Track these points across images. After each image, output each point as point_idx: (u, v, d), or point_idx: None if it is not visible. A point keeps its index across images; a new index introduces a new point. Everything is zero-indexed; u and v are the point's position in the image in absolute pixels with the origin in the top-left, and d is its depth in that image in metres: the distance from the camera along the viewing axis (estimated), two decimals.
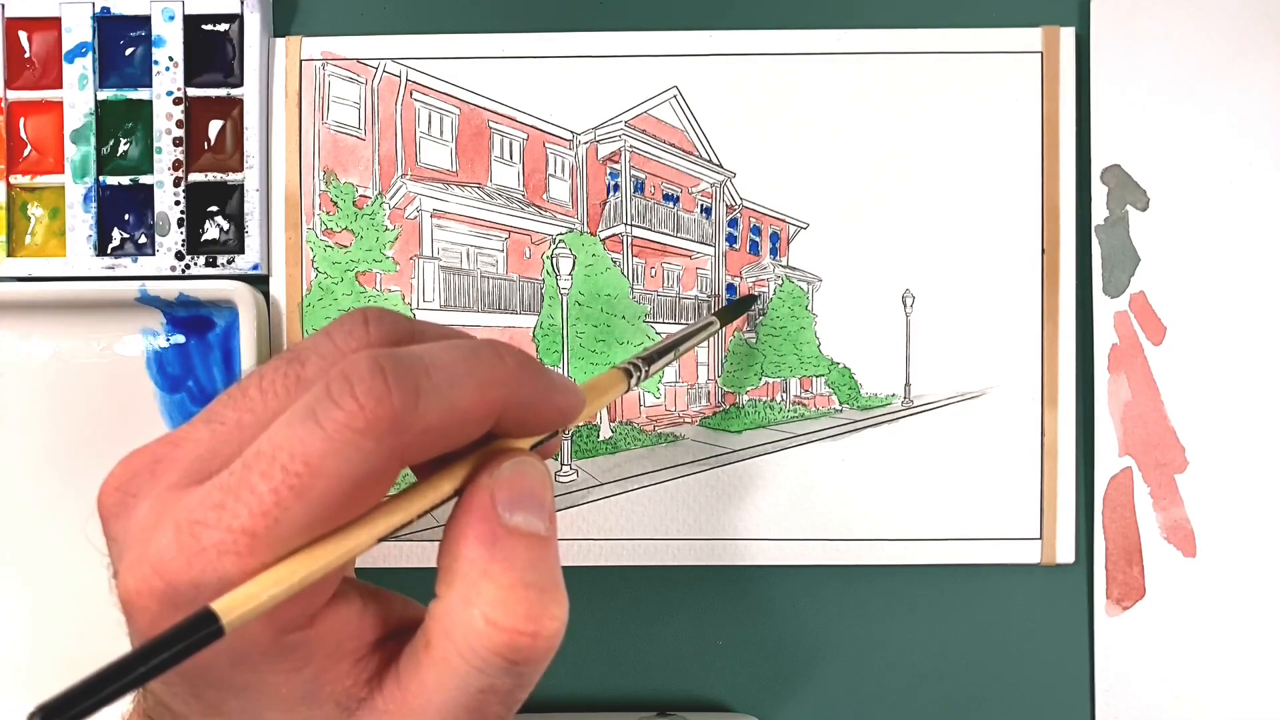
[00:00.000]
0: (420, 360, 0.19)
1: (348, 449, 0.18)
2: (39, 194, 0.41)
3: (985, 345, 0.40)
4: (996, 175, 0.40)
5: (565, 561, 0.39)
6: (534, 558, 0.21)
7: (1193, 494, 0.40)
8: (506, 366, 0.20)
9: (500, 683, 0.20)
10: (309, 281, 0.40)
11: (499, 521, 0.20)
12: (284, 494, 0.18)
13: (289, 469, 0.18)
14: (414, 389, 0.19)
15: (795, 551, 0.40)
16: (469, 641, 0.20)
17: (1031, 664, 0.41)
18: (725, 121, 0.41)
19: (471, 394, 0.20)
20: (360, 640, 0.21)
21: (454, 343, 0.21)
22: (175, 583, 0.18)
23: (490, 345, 0.21)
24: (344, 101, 0.40)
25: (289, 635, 0.20)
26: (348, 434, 0.18)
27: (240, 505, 0.18)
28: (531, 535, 0.21)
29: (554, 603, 0.20)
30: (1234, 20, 0.40)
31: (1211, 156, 0.40)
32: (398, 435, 0.18)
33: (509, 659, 0.20)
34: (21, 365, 0.40)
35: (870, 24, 0.40)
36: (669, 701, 0.41)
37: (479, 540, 0.20)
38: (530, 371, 0.21)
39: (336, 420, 0.18)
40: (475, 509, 0.21)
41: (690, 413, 0.41)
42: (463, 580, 0.20)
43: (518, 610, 0.20)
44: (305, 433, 0.18)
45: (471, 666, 0.20)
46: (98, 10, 0.40)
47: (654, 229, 0.41)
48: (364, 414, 0.18)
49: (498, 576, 0.20)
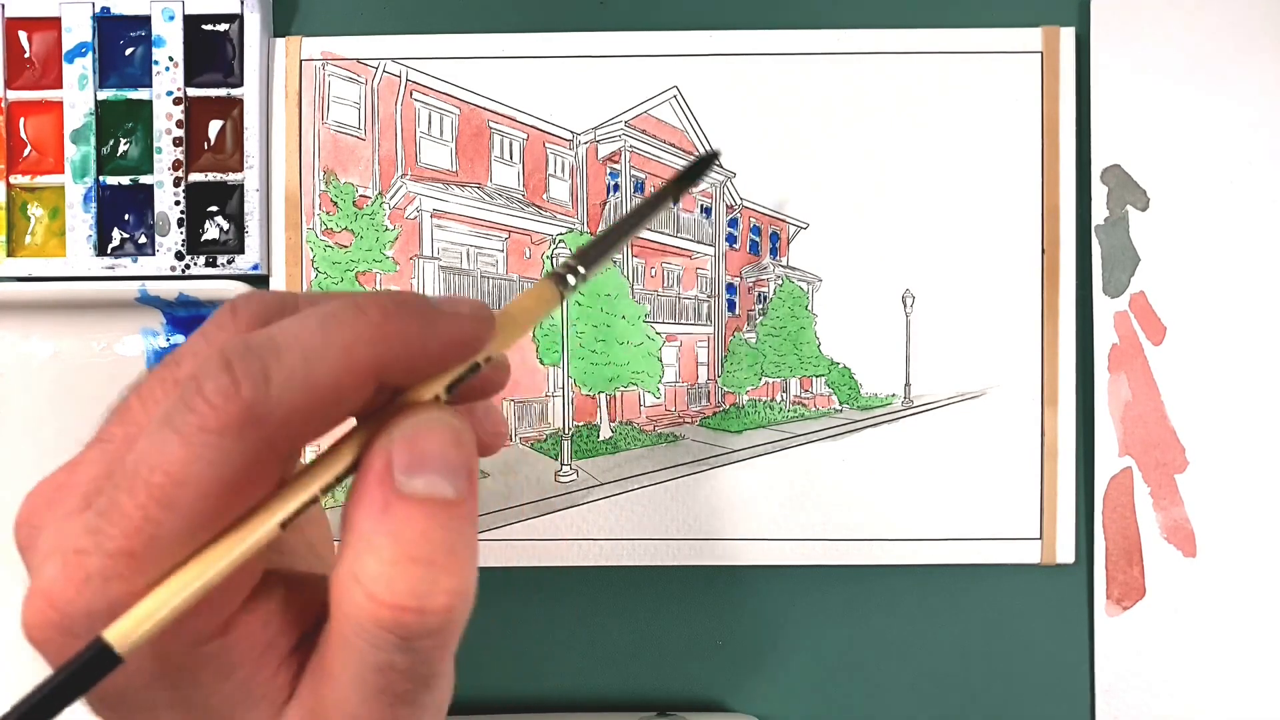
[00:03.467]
0: (269, 342, 0.18)
1: (207, 452, 0.17)
2: (39, 194, 0.41)
3: (985, 345, 0.40)
4: (996, 175, 0.40)
5: (566, 561, 0.40)
6: (429, 527, 0.19)
7: (1193, 494, 0.40)
8: (369, 320, 0.19)
9: (397, 659, 0.19)
10: (309, 281, 0.40)
11: (393, 488, 0.19)
12: (151, 509, 0.17)
13: (151, 482, 0.17)
14: (262, 376, 0.17)
15: (795, 551, 0.40)
16: (356, 617, 0.18)
17: (1031, 664, 0.41)
18: (725, 121, 0.40)
19: (333, 362, 0.18)
20: (290, 634, 0.20)
21: (309, 312, 0.19)
22: (69, 613, 0.17)
23: (349, 302, 0.19)
24: (344, 101, 0.40)
25: (205, 646, 0.19)
26: (203, 436, 0.17)
27: (113, 527, 0.17)
28: (431, 501, 0.19)
29: (447, 575, 0.19)
30: (1234, 20, 0.40)
31: (1211, 156, 0.40)
32: (256, 428, 0.17)
33: (398, 634, 0.18)
34: (22, 365, 0.40)
35: (870, 24, 0.40)
36: (669, 701, 0.41)
37: (369, 508, 0.19)
38: (402, 314, 0.19)
39: (190, 424, 0.17)
40: (370, 473, 0.19)
41: (690, 413, 0.41)
42: (350, 552, 0.19)
43: (400, 586, 0.18)
44: (163, 442, 0.17)
45: (363, 642, 0.19)
46: (98, 10, 0.40)
47: (654, 229, 0.41)
48: (215, 413, 0.17)
49: (382, 549, 0.18)
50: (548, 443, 0.41)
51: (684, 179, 0.26)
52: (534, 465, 0.40)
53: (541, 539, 0.40)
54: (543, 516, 0.40)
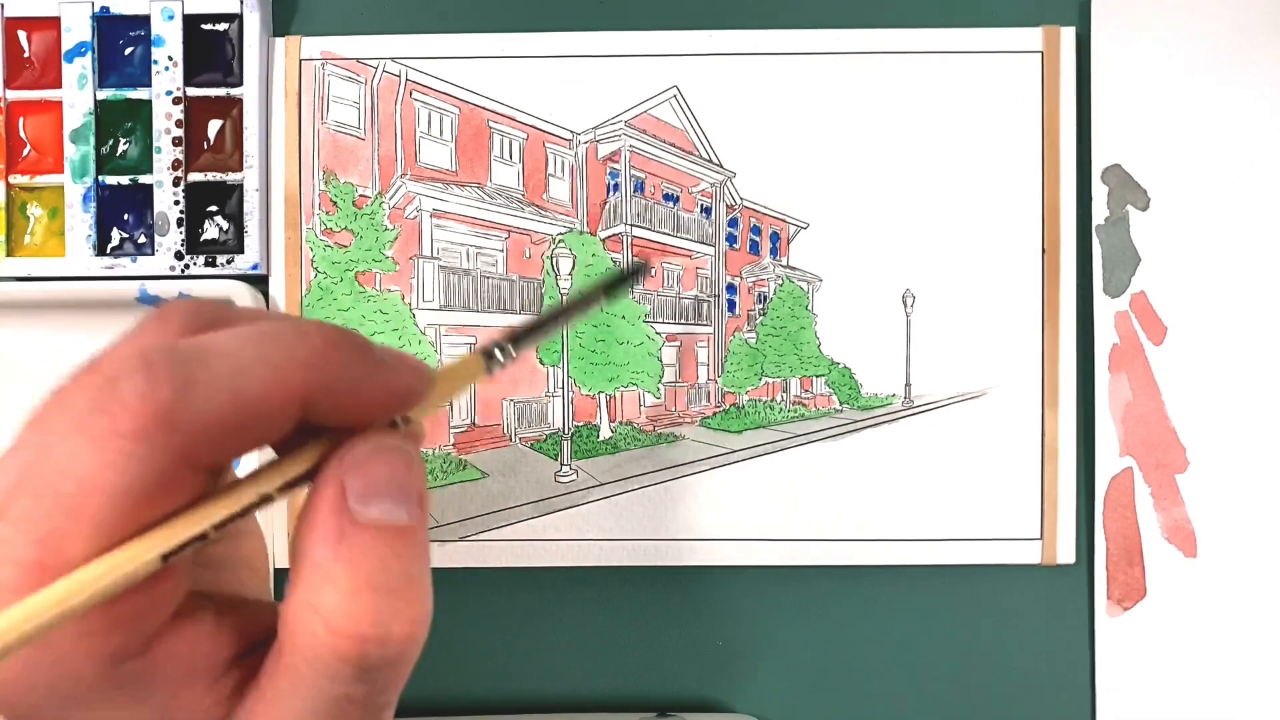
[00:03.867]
0: (198, 349, 0.17)
1: (119, 458, 0.16)
2: (38, 194, 0.41)
3: (985, 345, 0.40)
4: (996, 175, 0.40)
5: (566, 561, 0.40)
6: (386, 555, 0.18)
7: (1193, 494, 0.40)
8: (310, 346, 0.18)
9: (354, 690, 0.18)
10: (308, 281, 0.40)
11: (348, 516, 0.18)
12: (58, 519, 0.16)
13: (60, 490, 0.16)
14: (185, 381, 0.17)
15: (795, 552, 0.40)
16: (314, 648, 0.18)
17: (1031, 664, 0.41)
18: (725, 121, 0.40)
19: (263, 380, 0.17)
20: (216, 658, 0.19)
21: (249, 327, 0.19)
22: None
23: (293, 324, 0.19)
24: (344, 101, 0.40)
25: (124, 666, 0.18)
26: (115, 441, 0.16)
27: (21, 536, 0.16)
28: (387, 528, 0.18)
29: (407, 603, 0.18)
30: (1234, 20, 0.40)
31: (1211, 156, 0.40)
32: (171, 434, 0.17)
33: (357, 666, 0.18)
34: (21, 365, 0.40)
35: (870, 24, 0.40)
36: (669, 701, 0.41)
37: (324, 537, 0.18)
38: (345, 350, 0.18)
39: (102, 427, 0.16)
40: (323, 501, 0.18)
41: (690, 413, 0.41)
42: (305, 582, 0.18)
43: (361, 616, 0.18)
44: (74, 447, 0.17)
45: (320, 675, 0.18)
46: (97, 10, 0.40)
47: (654, 229, 0.41)
48: (129, 415, 0.16)
49: (340, 579, 0.18)
50: (548, 443, 0.40)
51: (616, 284, 0.26)
52: (534, 465, 0.40)
53: (541, 539, 0.40)
54: (543, 517, 0.40)
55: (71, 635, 0.17)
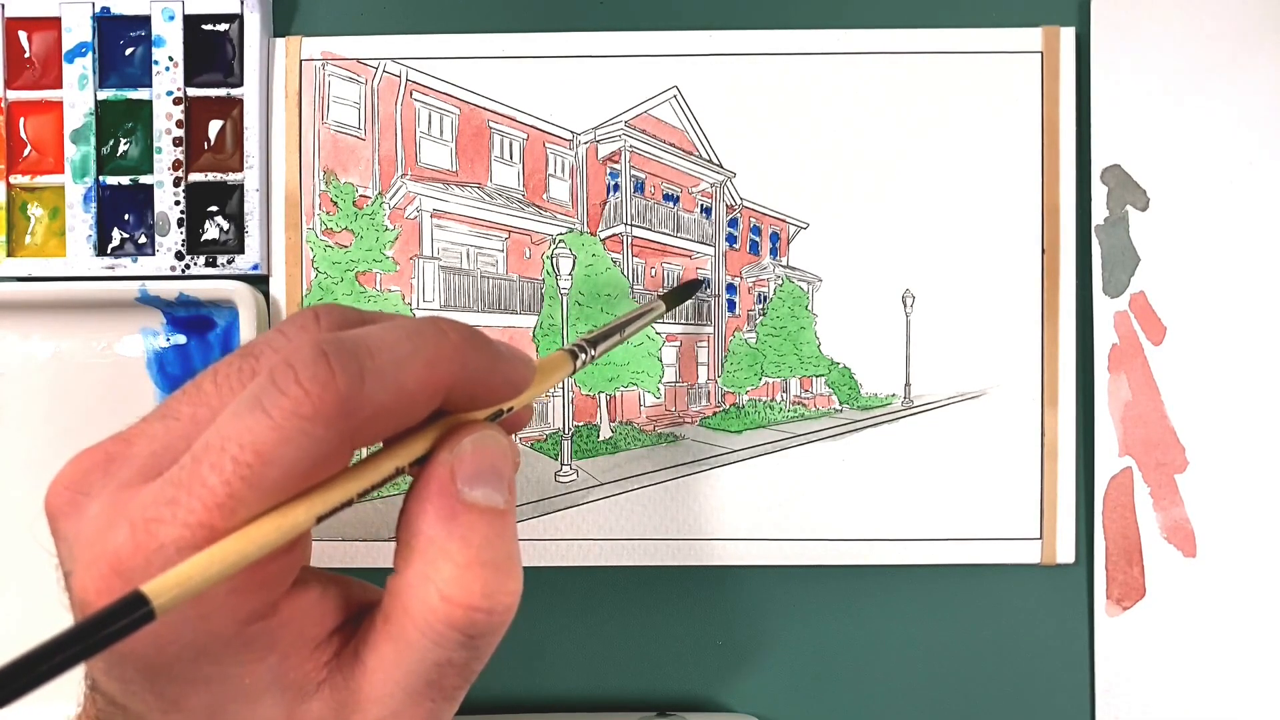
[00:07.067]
0: (364, 342, 0.19)
1: (298, 436, 0.18)
2: (39, 194, 0.41)
3: (985, 345, 0.40)
4: (996, 175, 0.40)
5: (565, 561, 0.40)
6: (491, 533, 0.21)
7: (1193, 494, 0.40)
8: (451, 342, 0.20)
9: (456, 656, 0.21)
10: (309, 281, 0.40)
11: (458, 497, 0.21)
12: (236, 485, 0.18)
13: (239, 459, 0.18)
14: (359, 371, 0.18)
15: (795, 551, 0.40)
16: (426, 617, 0.20)
17: (1031, 664, 0.41)
18: (725, 121, 0.40)
19: (418, 372, 0.20)
20: (321, 626, 0.21)
21: (396, 322, 0.21)
22: (135, 581, 0.17)
23: (432, 322, 0.21)
24: (344, 101, 0.40)
25: (252, 625, 0.20)
26: (296, 421, 0.18)
27: (194, 499, 0.18)
28: (489, 510, 0.21)
29: (509, 578, 0.21)
30: (1234, 20, 0.40)
31: (1211, 156, 0.40)
32: (346, 419, 0.18)
33: (465, 633, 0.20)
34: (21, 365, 0.40)
35: (870, 24, 0.40)
36: (669, 701, 0.41)
37: (437, 516, 0.20)
38: (475, 345, 0.21)
39: (283, 407, 0.18)
40: (434, 484, 0.21)
41: (690, 413, 0.41)
42: (420, 557, 0.20)
43: (474, 587, 0.20)
44: (253, 422, 0.18)
45: (429, 641, 0.20)
46: (98, 10, 0.40)
47: (654, 229, 0.41)
48: (310, 399, 0.18)
49: (455, 554, 0.20)
50: (548, 443, 0.41)
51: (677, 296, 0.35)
52: (534, 465, 0.40)
53: (541, 539, 0.40)
54: (543, 516, 0.40)
55: (222, 592, 0.19)
